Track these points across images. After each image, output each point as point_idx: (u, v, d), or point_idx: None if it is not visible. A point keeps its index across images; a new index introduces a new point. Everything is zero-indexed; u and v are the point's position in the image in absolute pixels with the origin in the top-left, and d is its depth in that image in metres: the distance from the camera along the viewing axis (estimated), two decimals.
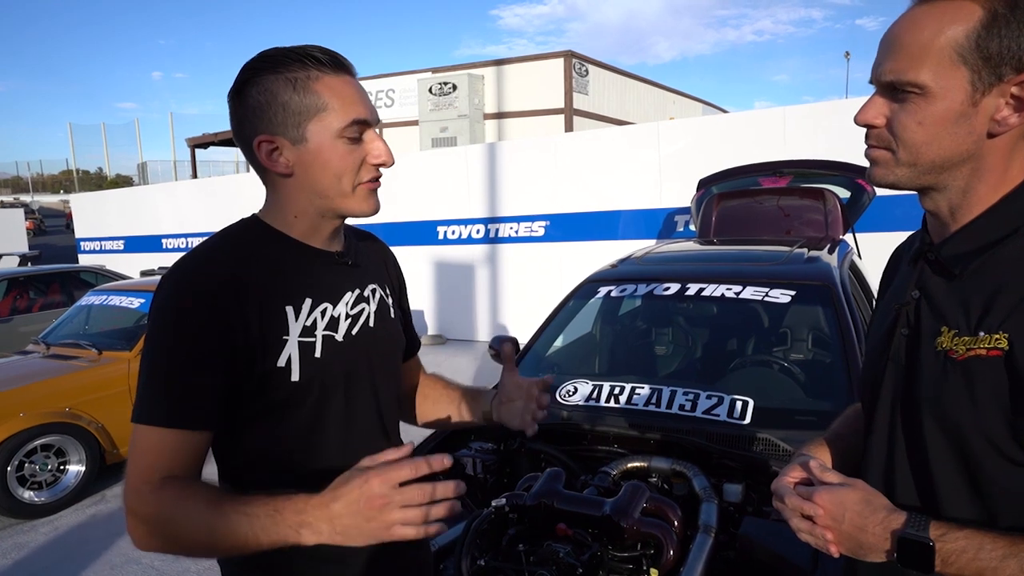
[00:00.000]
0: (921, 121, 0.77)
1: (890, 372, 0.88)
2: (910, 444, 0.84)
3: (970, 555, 0.72)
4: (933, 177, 0.80)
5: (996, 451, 0.74)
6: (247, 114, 0.96)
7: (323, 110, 0.95)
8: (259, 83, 0.94)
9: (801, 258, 2.68)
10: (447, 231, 8.30)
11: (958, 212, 0.82)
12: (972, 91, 0.74)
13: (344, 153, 0.97)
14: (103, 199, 13.59)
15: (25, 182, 45.77)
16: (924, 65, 0.75)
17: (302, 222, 1.02)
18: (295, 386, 0.96)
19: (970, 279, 0.80)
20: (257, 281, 0.95)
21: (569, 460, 1.97)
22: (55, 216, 29.70)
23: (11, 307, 7.24)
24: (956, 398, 0.77)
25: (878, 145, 0.83)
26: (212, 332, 0.90)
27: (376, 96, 19.82)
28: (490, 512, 1.61)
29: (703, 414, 2.02)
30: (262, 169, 1.00)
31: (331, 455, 1.00)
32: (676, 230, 6.68)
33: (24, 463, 3.84)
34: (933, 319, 0.82)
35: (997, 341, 0.73)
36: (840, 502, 0.81)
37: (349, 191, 0.99)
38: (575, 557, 1.46)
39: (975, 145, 0.77)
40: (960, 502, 0.79)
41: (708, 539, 1.52)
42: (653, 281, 2.63)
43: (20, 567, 3.34)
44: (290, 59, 0.94)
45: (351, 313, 1.06)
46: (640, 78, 20.67)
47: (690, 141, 6.67)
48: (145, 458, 0.90)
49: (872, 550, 0.79)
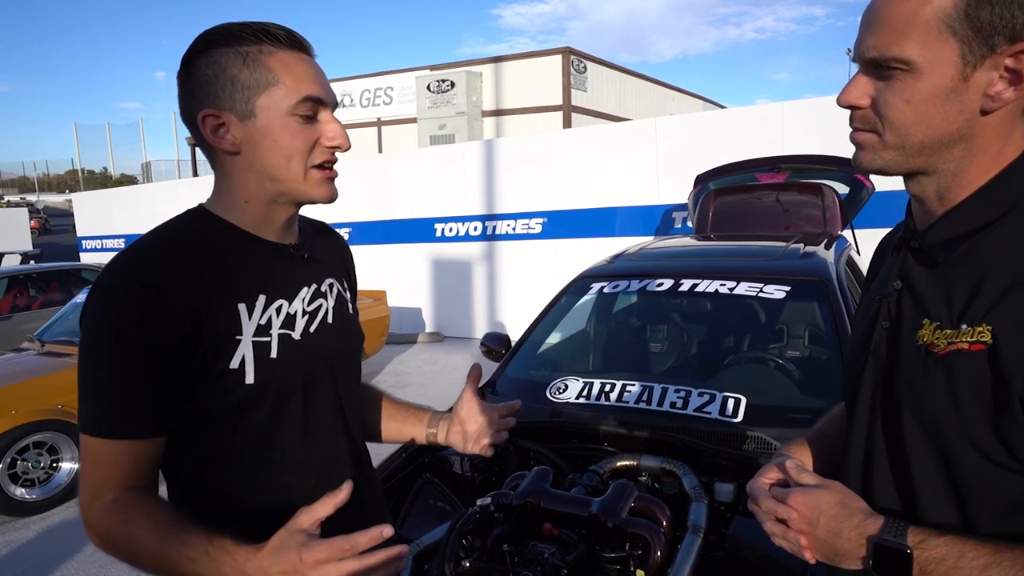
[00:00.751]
0: (908, 99, 0.72)
1: (870, 367, 0.83)
2: (890, 444, 0.79)
3: (950, 563, 0.68)
4: (923, 160, 0.75)
5: (978, 452, 0.70)
6: (194, 87, 0.90)
7: (273, 85, 0.89)
8: (209, 55, 0.89)
9: (796, 254, 2.65)
10: (445, 228, 8.27)
11: (946, 196, 0.77)
12: (963, 65, 0.69)
13: (295, 132, 0.91)
14: (104, 198, 13.58)
15: (31, 182, 45.91)
16: (909, 39, 0.70)
17: (253, 209, 0.96)
18: (250, 388, 0.90)
19: (954, 267, 0.74)
20: (206, 277, 0.89)
21: (558, 458, 1.94)
22: (60, 215, 29.73)
23: (11, 305, 7.25)
24: (936, 395, 0.72)
25: (863, 127, 0.77)
26: (157, 333, 0.84)
27: (375, 94, 19.79)
28: (475, 512, 1.58)
29: (694, 412, 1.99)
30: (209, 148, 0.94)
31: (289, 460, 0.96)
32: (674, 226, 6.65)
33: (17, 460, 3.82)
34: (915, 311, 0.78)
35: (980, 334, 0.68)
36: (815, 505, 0.77)
37: (300, 174, 0.93)
38: (560, 558, 1.44)
39: (967, 124, 0.71)
40: (940, 506, 0.74)
41: (696, 540, 1.49)
42: (646, 277, 2.60)
43: (12, 564, 3.33)
44: (244, 33, 0.89)
45: (308, 310, 1.00)
46: (639, 75, 20.63)
47: (688, 137, 6.63)
48: (97, 471, 0.86)
49: (847, 556, 0.75)
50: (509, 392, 2.38)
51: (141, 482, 0.87)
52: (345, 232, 9.12)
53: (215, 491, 0.94)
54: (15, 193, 42.75)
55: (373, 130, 20.05)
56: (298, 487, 0.96)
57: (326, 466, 1.01)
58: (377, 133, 19.95)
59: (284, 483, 0.94)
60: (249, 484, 0.94)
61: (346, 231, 9.13)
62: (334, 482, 1.02)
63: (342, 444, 1.05)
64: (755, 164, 4.31)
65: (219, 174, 0.97)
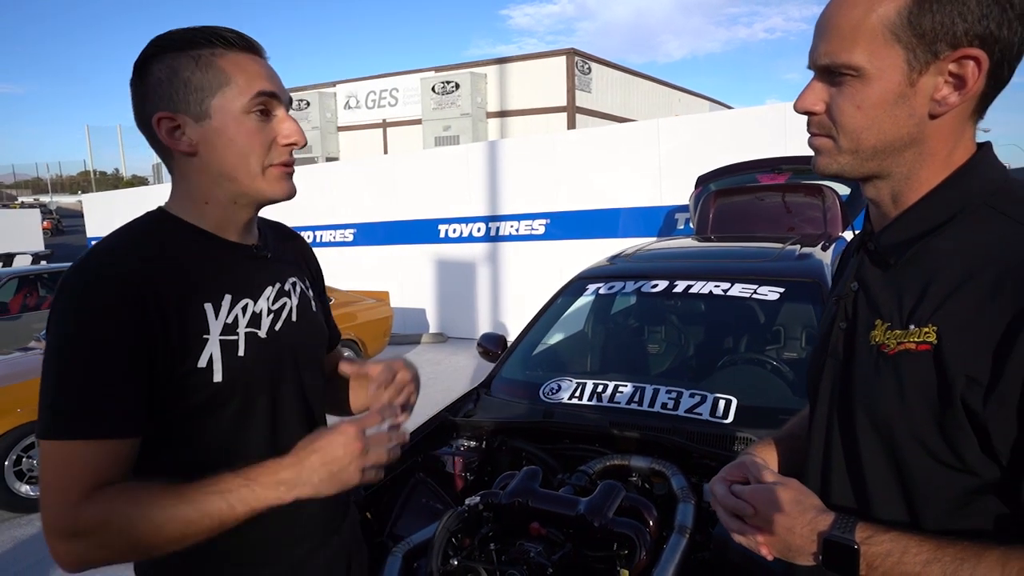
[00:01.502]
0: (859, 105, 0.73)
1: (828, 367, 0.85)
2: (845, 442, 0.81)
3: (895, 559, 0.69)
4: (876, 164, 0.77)
5: (924, 451, 0.71)
6: (147, 91, 0.90)
7: (226, 85, 0.90)
8: (162, 59, 0.90)
9: (792, 255, 2.65)
10: (448, 229, 8.29)
11: (900, 199, 0.78)
12: (909, 70, 0.71)
13: (252, 130, 0.92)
14: (113, 199, 13.67)
15: (44, 183, 46.38)
16: (857, 45, 0.72)
17: (213, 211, 0.96)
18: (218, 387, 0.91)
19: (905, 269, 0.76)
20: (171, 277, 0.89)
21: (549, 458, 1.96)
22: (72, 216, 29.98)
23: (21, 304, 7.33)
24: (886, 394, 0.74)
25: (819, 133, 0.79)
26: (131, 330, 0.83)
27: (380, 95, 19.86)
28: (463, 510, 1.60)
29: (685, 413, 1.99)
30: (165, 151, 0.94)
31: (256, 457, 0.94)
32: (677, 228, 6.65)
33: (22, 458, 3.86)
34: (868, 311, 0.79)
35: (926, 334, 0.70)
36: (770, 501, 0.78)
37: (258, 172, 0.94)
38: (546, 556, 1.45)
39: (917, 128, 0.73)
40: (891, 504, 0.76)
41: (682, 540, 1.49)
42: (641, 278, 2.61)
43: (16, 560, 3.37)
44: (195, 37, 0.91)
45: (273, 308, 1.01)
46: (644, 75, 20.61)
47: (691, 138, 6.63)
48: (68, 473, 0.81)
49: (799, 552, 0.76)
50: (503, 393, 2.40)
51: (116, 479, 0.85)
52: (350, 233, 9.17)
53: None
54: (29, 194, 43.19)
55: (378, 131, 20.12)
56: None
57: None
58: (383, 135, 20.02)
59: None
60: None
61: (351, 232, 9.17)
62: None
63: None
64: (756, 165, 4.31)
65: (177, 177, 0.97)
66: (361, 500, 1.83)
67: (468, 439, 2.13)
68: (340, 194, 9.19)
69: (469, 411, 2.31)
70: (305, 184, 10.49)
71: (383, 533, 1.85)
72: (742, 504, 0.81)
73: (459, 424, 2.17)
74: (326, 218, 9.35)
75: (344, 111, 20.76)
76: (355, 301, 6.39)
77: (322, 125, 20.35)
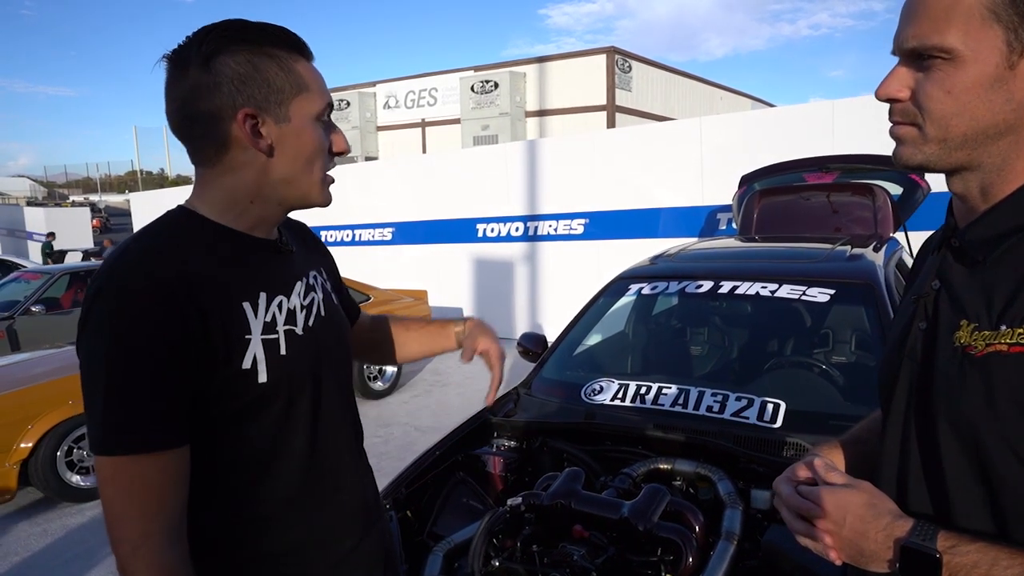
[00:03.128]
0: (949, 90, 0.68)
1: (905, 370, 0.80)
2: (923, 448, 0.76)
3: (982, 571, 0.64)
4: (966, 154, 0.71)
5: (1016, 459, 0.66)
6: (222, 84, 0.86)
7: (305, 90, 0.91)
8: (237, 53, 0.87)
9: (843, 256, 2.56)
10: (486, 229, 8.30)
11: (990, 192, 0.73)
12: (1008, 52, 0.66)
13: (319, 138, 0.93)
14: (160, 197, 14.10)
15: (94, 182, 48.21)
16: (951, 26, 0.67)
17: (255, 210, 0.94)
18: (263, 388, 0.88)
19: (995, 267, 0.70)
20: (206, 278, 0.86)
21: (591, 460, 1.93)
22: (120, 215, 31.10)
23: (72, 300, 7.59)
24: (973, 399, 0.68)
25: (903, 121, 0.74)
26: (173, 334, 0.80)
27: (420, 95, 20.04)
28: (505, 511, 1.58)
29: (731, 416, 1.94)
30: (221, 146, 0.89)
31: (298, 453, 0.96)
32: (718, 228, 6.52)
33: (73, 448, 3.99)
34: (952, 311, 0.74)
35: (1021, 336, 0.65)
36: (842, 504, 0.74)
37: (319, 179, 0.95)
38: (589, 560, 1.42)
39: (1014, 114, 0.68)
40: (974, 514, 0.71)
41: (730, 547, 1.45)
42: (685, 278, 2.55)
43: (68, 547, 3.48)
44: (269, 36, 0.89)
45: (305, 304, 0.99)
46: (686, 74, 20.34)
47: (733, 137, 6.50)
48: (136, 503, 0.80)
49: (873, 558, 0.72)
50: (544, 393, 2.38)
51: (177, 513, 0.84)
52: (389, 232, 9.26)
53: (224, 494, 0.91)
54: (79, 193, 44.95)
55: (417, 131, 20.30)
56: (313, 483, 0.98)
57: (335, 457, 1.02)
58: (421, 134, 20.19)
59: (296, 482, 0.95)
60: (259, 482, 0.93)
61: (390, 231, 9.27)
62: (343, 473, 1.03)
63: (346, 432, 1.07)
64: (802, 164, 4.19)
65: (217, 174, 0.92)
66: (402, 498, 1.83)
67: (508, 439, 2.11)
68: (379, 193, 9.29)
69: (509, 411, 2.30)
70: (345, 183, 10.62)
71: (423, 532, 1.85)
72: (809, 505, 0.76)
73: (499, 424, 2.15)
74: (365, 217, 9.46)
75: (383, 111, 21.01)
76: (393, 299, 6.45)
77: (362, 125, 20.63)
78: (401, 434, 4.95)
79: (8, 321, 6.66)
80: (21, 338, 6.60)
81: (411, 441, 4.70)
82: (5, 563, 3.35)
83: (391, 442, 4.76)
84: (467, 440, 2.11)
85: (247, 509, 0.92)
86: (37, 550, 3.46)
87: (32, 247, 17.32)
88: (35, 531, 3.68)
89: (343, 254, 9.14)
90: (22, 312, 6.77)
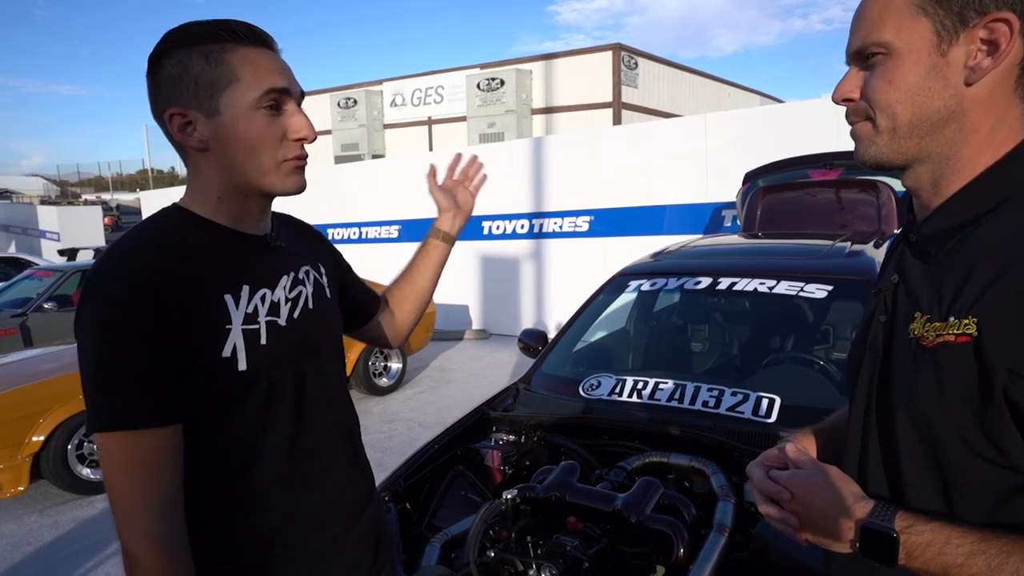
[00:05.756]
0: (891, 80, 0.74)
1: (867, 361, 0.84)
2: (883, 435, 0.79)
3: (936, 549, 0.68)
4: (915, 143, 0.76)
5: (964, 445, 0.69)
6: (160, 87, 0.92)
7: (235, 81, 0.91)
8: (173, 55, 0.91)
9: (842, 252, 2.57)
10: (492, 226, 8.32)
11: (940, 184, 0.77)
12: (938, 41, 0.72)
13: (262, 126, 0.93)
14: (170, 195, 14.22)
15: (106, 181, 48.55)
16: (885, 24, 0.74)
17: (226, 205, 0.98)
18: (243, 375, 0.93)
19: (946, 260, 0.74)
20: (190, 271, 0.91)
21: (588, 454, 1.95)
22: (132, 213, 31.35)
23: None
24: (925, 388, 0.72)
25: (857, 118, 0.80)
26: (148, 326, 0.85)
27: (426, 93, 20.06)
28: (501, 503, 1.61)
29: (727, 411, 1.96)
30: (179, 146, 0.96)
31: (283, 444, 0.99)
32: (723, 225, 6.52)
33: (83, 442, 4.05)
34: (908, 304, 0.78)
35: (966, 326, 0.68)
36: (808, 486, 0.78)
37: (272, 167, 0.95)
38: (582, 551, 1.45)
39: (954, 100, 0.73)
40: (927, 497, 0.74)
41: (721, 539, 1.47)
42: (684, 275, 2.57)
43: (77, 538, 3.55)
44: (207, 31, 0.91)
45: (290, 297, 1.03)
46: (692, 70, 20.26)
47: (738, 133, 6.49)
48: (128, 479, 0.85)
49: (837, 539, 0.75)
50: (543, 388, 2.40)
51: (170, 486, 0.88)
52: (395, 229, 9.30)
53: (215, 481, 0.95)
54: (91, 192, 45.28)
55: (424, 129, 20.34)
56: (297, 470, 1.01)
57: (320, 445, 1.05)
58: (428, 132, 20.23)
59: (280, 468, 0.98)
60: (246, 469, 0.96)
61: (396, 228, 9.31)
62: (329, 461, 1.05)
63: (332, 422, 1.09)
64: (807, 161, 4.19)
65: (191, 172, 0.98)
66: (401, 491, 1.86)
67: (507, 433, 2.14)
68: (385, 191, 9.33)
69: (508, 406, 2.33)
70: (351, 181, 10.63)
71: (422, 524, 1.88)
72: (779, 488, 0.80)
73: (498, 418, 2.18)
74: (372, 215, 9.51)
75: (390, 109, 21.06)
76: None
77: (368, 123, 20.69)
78: (405, 429, 4.99)
79: (21, 318, 6.76)
80: (33, 334, 6.70)
81: (415, 437, 4.74)
82: (18, 553, 3.42)
83: (395, 438, 4.81)
84: (466, 434, 2.14)
85: (236, 493, 0.96)
86: (48, 541, 3.52)
87: (45, 245, 17.50)
88: (46, 523, 3.74)
89: (349, 251, 9.15)
90: (35, 309, 6.85)
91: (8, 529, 3.69)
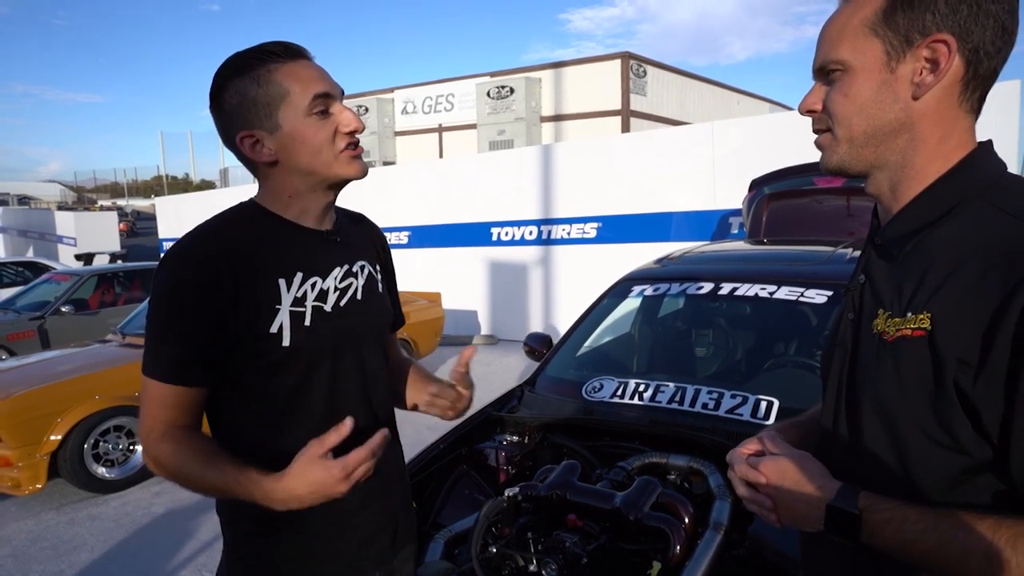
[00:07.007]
0: (847, 93, 0.82)
1: (837, 356, 0.90)
2: (850, 424, 0.85)
3: (895, 526, 0.73)
4: (872, 151, 0.83)
5: (921, 432, 0.75)
6: (226, 118, 1.06)
7: (287, 95, 1.04)
8: (229, 88, 1.05)
9: (843, 258, 2.61)
10: (501, 232, 8.38)
11: (899, 190, 0.83)
12: (887, 59, 0.79)
13: (317, 128, 1.05)
14: (184, 202, 14.39)
15: (121, 187, 49.20)
16: (842, 43, 0.82)
17: (296, 202, 1.12)
18: (286, 351, 1.06)
19: (906, 261, 0.81)
20: (252, 255, 1.06)
21: (589, 454, 2.00)
22: (146, 219, 31.75)
23: (99, 301, 7.81)
24: (886, 379, 0.78)
25: (820, 129, 0.87)
26: (208, 299, 1.01)
27: (436, 101, 20.19)
28: (503, 501, 1.65)
29: (726, 413, 2.00)
30: (250, 163, 1.10)
31: (315, 415, 1.09)
32: (730, 232, 6.54)
33: (99, 442, 4.14)
34: (873, 302, 0.84)
35: (921, 321, 0.74)
36: (780, 471, 0.83)
37: (333, 160, 1.08)
38: (581, 547, 1.49)
39: (903, 112, 0.80)
40: (890, 482, 0.79)
41: (717, 537, 1.51)
42: (687, 280, 2.61)
43: (93, 535, 3.62)
44: (249, 59, 1.04)
45: (340, 287, 1.15)
46: (701, 78, 20.27)
47: (746, 140, 6.52)
48: (151, 408, 1.04)
49: (806, 519, 0.81)
50: (547, 390, 2.45)
51: (187, 422, 1.05)
52: (405, 235, 9.38)
53: (249, 438, 1.10)
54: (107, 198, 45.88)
55: (434, 136, 20.46)
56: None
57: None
58: (438, 139, 20.35)
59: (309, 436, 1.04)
60: (279, 434, 1.09)
61: (406, 234, 9.39)
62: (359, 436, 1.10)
63: (363, 406, 1.17)
64: (812, 168, 4.21)
65: (262, 180, 1.13)
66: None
67: (511, 434, 2.19)
68: (396, 197, 9.42)
69: (513, 407, 2.38)
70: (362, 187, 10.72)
71: (427, 522, 1.93)
72: (754, 473, 0.86)
73: (503, 419, 2.23)
74: (382, 221, 9.51)
75: (401, 116, 21.21)
76: (408, 302, 6.55)
77: (380, 130, 20.85)
78: (412, 431, 4.99)
79: (39, 321, 6.89)
80: (51, 337, 6.83)
81: (422, 440, 4.72)
82: (34, 548, 3.50)
83: (402, 440, 4.85)
84: (471, 435, 2.19)
85: (263, 453, 1.04)
86: (64, 538, 3.60)
87: (62, 250, 17.74)
88: (63, 519, 3.83)
89: None
90: (52, 312, 6.99)
91: (26, 525, 3.78)
